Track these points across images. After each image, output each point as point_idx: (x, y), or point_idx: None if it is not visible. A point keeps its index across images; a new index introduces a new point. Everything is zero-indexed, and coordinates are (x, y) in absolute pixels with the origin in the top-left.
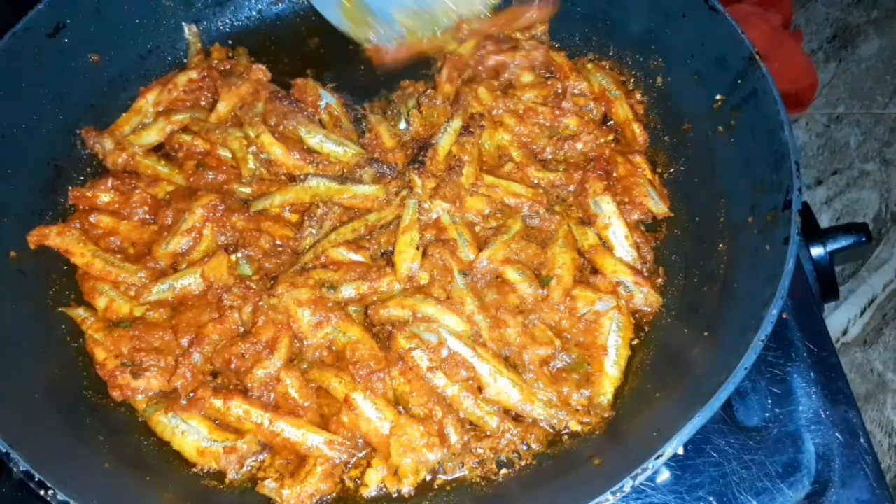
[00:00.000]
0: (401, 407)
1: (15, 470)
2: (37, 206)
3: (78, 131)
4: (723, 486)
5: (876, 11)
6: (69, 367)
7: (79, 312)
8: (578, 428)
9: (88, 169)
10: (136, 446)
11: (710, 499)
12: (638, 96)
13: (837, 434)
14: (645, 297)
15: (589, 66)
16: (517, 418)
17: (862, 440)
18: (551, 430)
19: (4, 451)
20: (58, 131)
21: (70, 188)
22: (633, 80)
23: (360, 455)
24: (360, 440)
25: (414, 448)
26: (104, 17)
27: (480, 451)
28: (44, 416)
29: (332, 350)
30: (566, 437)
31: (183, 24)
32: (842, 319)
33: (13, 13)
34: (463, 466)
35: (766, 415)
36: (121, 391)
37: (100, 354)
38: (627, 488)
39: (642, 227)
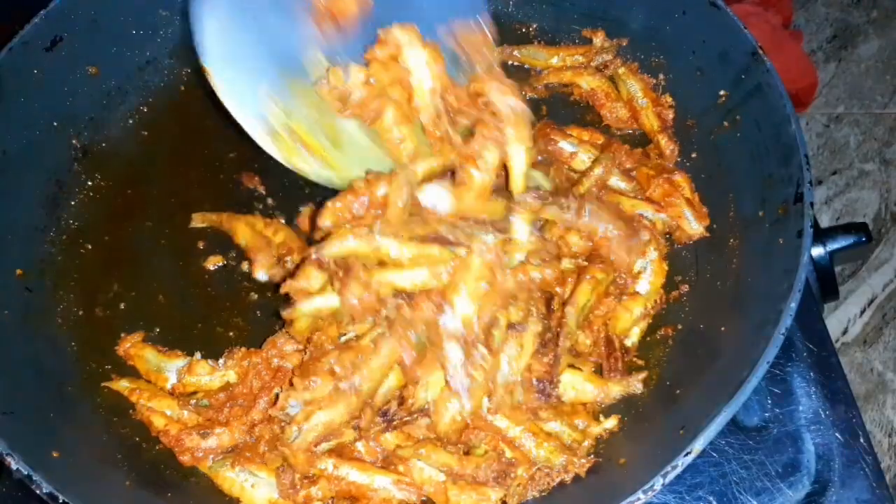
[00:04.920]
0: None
1: (38, 492)
2: (40, 222)
3: (78, 145)
4: (723, 485)
5: (876, 11)
6: (79, 385)
7: (123, 384)
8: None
9: (90, 182)
10: (154, 463)
11: (710, 499)
12: (669, 100)
13: (837, 434)
14: (664, 223)
15: (621, 70)
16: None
17: (862, 440)
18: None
19: (26, 473)
20: (58, 146)
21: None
22: None
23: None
24: None
25: (474, 488)
26: (101, 28)
27: (540, 483)
28: (60, 436)
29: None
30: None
31: None
32: (842, 319)
33: (9, 28)
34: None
35: (766, 415)
36: (191, 455)
37: (158, 422)
38: (658, 486)
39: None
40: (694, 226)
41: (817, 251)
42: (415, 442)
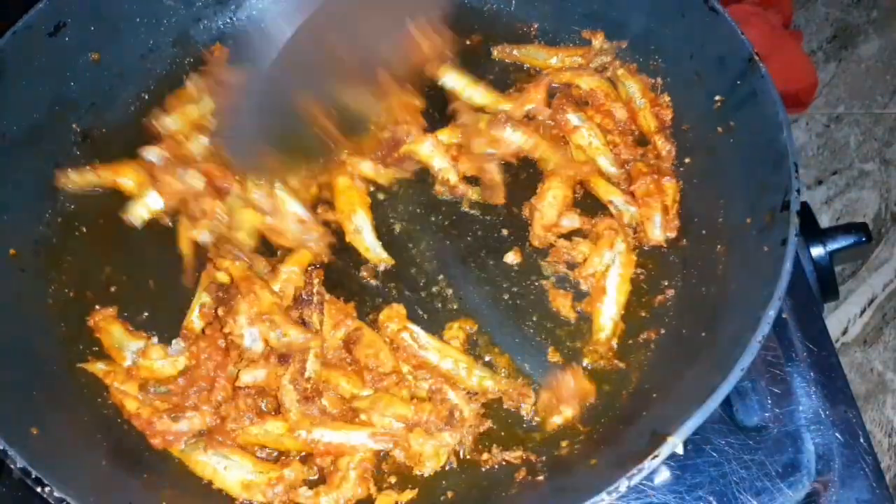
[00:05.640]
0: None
1: (12, 467)
2: (37, 204)
3: (78, 129)
4: (723, 485)
5: (876, 11)
6: (65, 365)
7: (99, 367)
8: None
9: (88, 167)
10: (133, 445)
11: (710, 499)
12: (667, 99)
13: (837, 434)
14: (631, 216)
15: (620, 71)
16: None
17: (862, 440)
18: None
19: (2, 448)
20: (59, 130)
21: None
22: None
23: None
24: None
25: (431, 433)
26: (104, 15)
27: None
28: (41, 414)
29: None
30: (564, 442)
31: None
32: (842, 319)
33: (13, 12)
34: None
35: (766, 415)
36: (162, 438)
37: (130, 405)
38: (623, 488)
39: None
40: (656, 232)
41: (817, 251)
42: (372, 391)
